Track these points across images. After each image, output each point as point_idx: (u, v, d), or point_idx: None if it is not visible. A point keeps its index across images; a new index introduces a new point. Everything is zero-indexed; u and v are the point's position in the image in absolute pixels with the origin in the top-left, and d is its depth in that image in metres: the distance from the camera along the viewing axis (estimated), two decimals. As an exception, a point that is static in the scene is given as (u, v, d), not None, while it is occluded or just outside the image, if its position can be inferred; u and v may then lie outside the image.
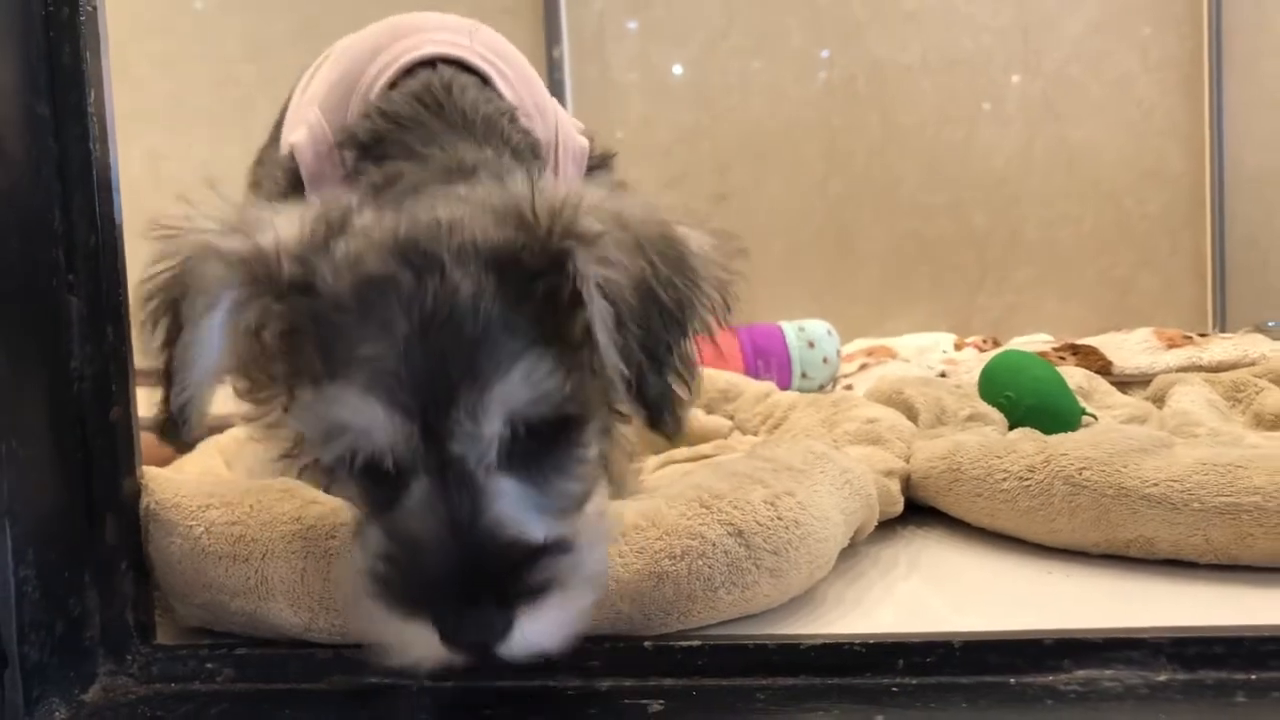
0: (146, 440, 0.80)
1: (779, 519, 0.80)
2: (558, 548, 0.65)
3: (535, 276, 0.67)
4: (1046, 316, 2.44)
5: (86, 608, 0.74)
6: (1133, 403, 1.45)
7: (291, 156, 0.95)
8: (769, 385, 1.50)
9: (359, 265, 0.67)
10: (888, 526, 1.02)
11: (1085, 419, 1.28)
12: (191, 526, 0.78)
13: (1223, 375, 1.49)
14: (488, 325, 0.65)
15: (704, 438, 1.35)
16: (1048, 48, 2.48)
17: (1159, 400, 1.44)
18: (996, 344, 2.16)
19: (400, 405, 0.64)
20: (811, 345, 1.87)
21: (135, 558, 0.77)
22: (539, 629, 0.64)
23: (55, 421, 0.73)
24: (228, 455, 1.17)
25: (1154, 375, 1.59)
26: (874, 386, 1.46)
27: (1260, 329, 2.08)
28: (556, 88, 2.51)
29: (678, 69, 2.56)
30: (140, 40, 2.43)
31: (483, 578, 0.63)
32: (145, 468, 0.82)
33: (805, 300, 2.46)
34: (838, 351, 1.89)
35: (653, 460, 1.22)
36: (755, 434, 1.38)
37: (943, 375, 1.81)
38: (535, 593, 0.64)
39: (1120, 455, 0.92)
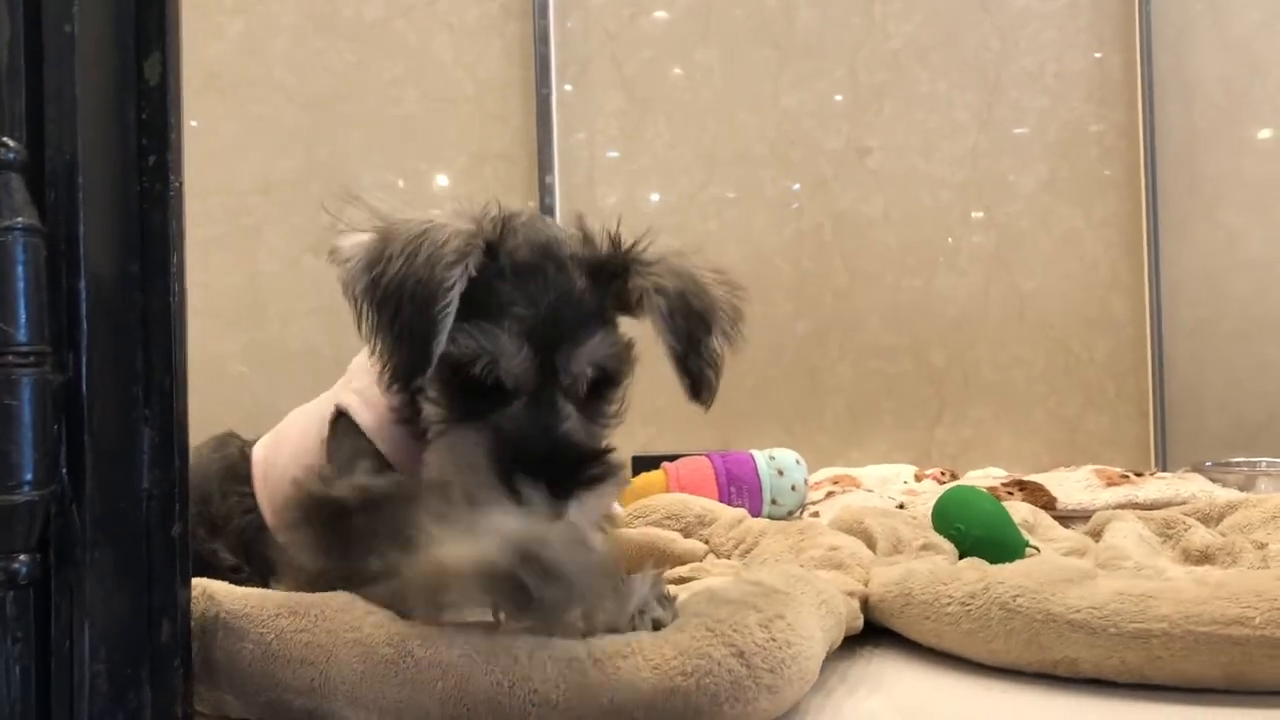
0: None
1: (773, 640, 0.89)
2: (604, 453, 0.96)
3: (609, 281, 1.02)
4: (1000, 451, 2.58)
5: (141, 701, 0.84)
6: (1073, 537, 1.57)
7: None
8: (741, 512, 1.62)
9: (520, 254, 0.99)
10: (849, 645, 1.13)
11: (1029, 550, 1.40)
12: (264, 633, 0.88)
13: (1156, 513, 1.62)
14: (585, 308, 0.99)
15: (681, 560, 1.46)
16: (1000, 204, 2.67)
17: (1097, 534, 1.57)
18: (954, 476, 2.29)
19: (533, 345, 0.95)
20: (781, 473, 1.97)
21: (185, 657, 0.87)
22: (588, 503, 0.93)
23: (127, 535, 0.84)
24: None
25: (1094, 511, 1.71)
26: (836, 516, 1.58)
27: (1198, 468, 2.23)
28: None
29: (660, 213, 2.74)
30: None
31: (555, 467, 0.92)
32: (206, 581, 0.93)
33: (775, 431, 2.59)
34: (805, 480, 1.99)
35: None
36: (728, 557, 1.48)
37: (901, 506, 1.93)
38: (589, 482, 0.93)
39: (1049, 584, 1.04)
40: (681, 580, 1.32)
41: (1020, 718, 0.97)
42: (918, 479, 2.31)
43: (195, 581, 0.93)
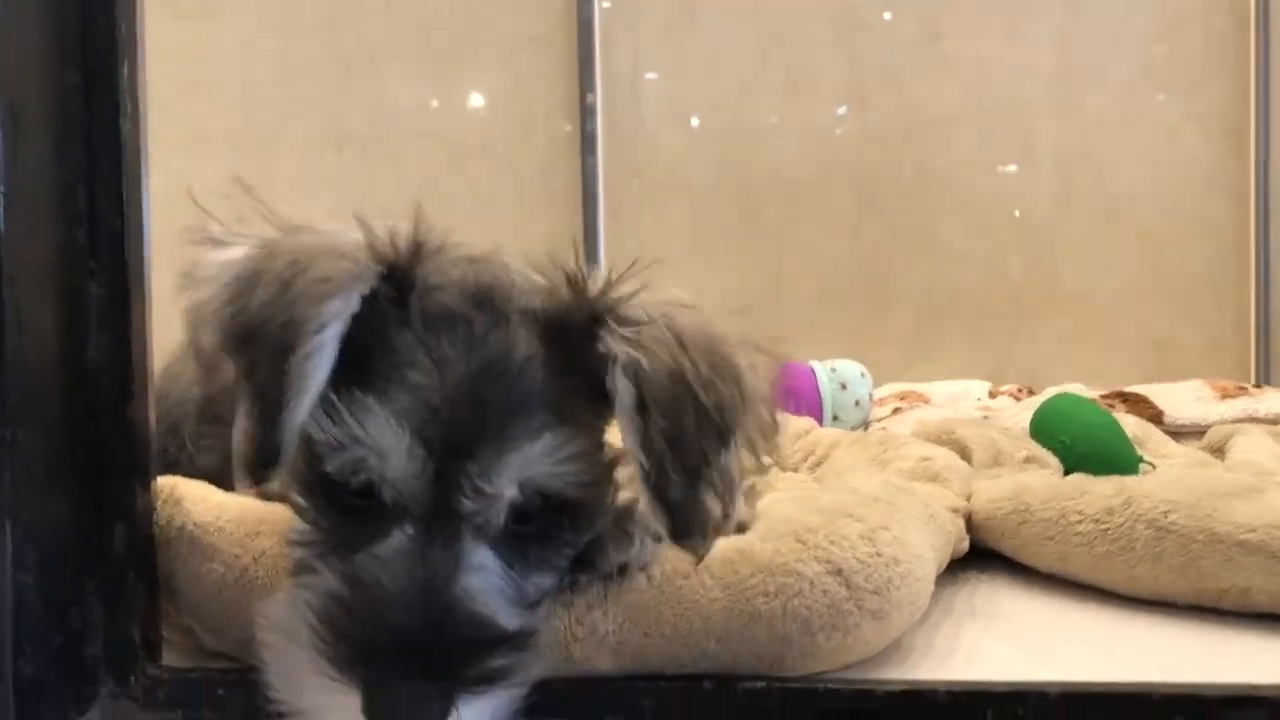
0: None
1: (878, 555, 0.73)
2: (519, 638, 0.62)
3: (579, 351, 0.67)
4: (1083, 368, 2.37)
5: (89, 621, 0.68)
6: (1190, 452, 1.39)
7: None
8: (809, 421, 1.45)
9: (441, 296, 0.66)
10: (951, 570, 0.96)
11: (1143, 467, 1.23)
12: (239, 555, 0.72)
13: (1282, 428, 1.44)
14: (526, 388, 0.65)
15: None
16: (1089, 94, 2.44)
17: (1217, 451, 1.39)
18: (1032, 393, 2.10)
19: (426, 439, 0.62)
20: (844, 387, 1.81)
21: (146, 570, 0.71)
22: (480, 711, 0.59)
23: (68, 416, 0.68)
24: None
25: (1208, 426, 1.54)
26: (920, 427, 1.40)
27: (1305, 387, 2.02)
28: (589, 137, 2.48)
29: (710, 110, 2.53)
30: (170, 65, 2.40)
31: (434, 651, 0.59)
32: (175, 480, 0.76)
33: (836, 342, 2.40)
34: (870, 395, 1.83)
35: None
36: (796, 471, 1.31)
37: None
38: (483, 680, 0.59)
39: (1210, 498, 0.86)
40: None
41: (1173, 658, 0.80)
42: (992, 395, 2.12)
43: (162, 481, 0.76)
